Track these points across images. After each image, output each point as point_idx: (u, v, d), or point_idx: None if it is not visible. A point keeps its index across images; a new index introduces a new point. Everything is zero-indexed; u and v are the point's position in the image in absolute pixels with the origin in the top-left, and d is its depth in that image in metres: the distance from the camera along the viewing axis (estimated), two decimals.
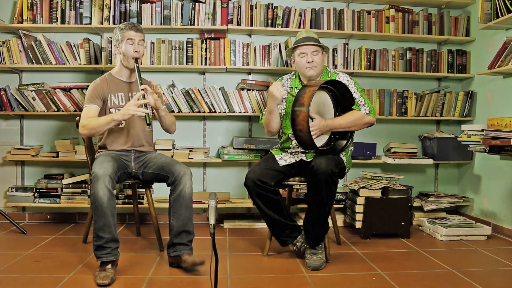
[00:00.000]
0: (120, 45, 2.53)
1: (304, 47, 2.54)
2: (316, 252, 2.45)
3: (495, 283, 2.20)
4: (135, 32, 2.51)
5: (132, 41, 2.50)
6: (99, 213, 2.17)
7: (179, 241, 2.34)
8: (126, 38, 2.50)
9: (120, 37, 2.51)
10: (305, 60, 2.54)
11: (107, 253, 2.19)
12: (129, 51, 2.51)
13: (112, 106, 2.56)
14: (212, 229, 1.63)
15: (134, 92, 2.62)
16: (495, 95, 3.24)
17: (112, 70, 2.65)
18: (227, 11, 3.29)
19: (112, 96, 2.56)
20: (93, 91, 2.52)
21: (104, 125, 2.37)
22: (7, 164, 3.42)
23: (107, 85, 2.56)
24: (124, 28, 2.51)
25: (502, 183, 3.14)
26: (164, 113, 2.55)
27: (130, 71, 2.60)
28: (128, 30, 2.51)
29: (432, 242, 2.95)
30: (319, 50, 2.56)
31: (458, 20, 3.51)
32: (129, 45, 2.50)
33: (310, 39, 2.56)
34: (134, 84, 2.64)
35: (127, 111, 2.31)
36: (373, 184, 3.11)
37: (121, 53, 2.55)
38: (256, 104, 3.33)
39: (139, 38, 2.53)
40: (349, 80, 2.60)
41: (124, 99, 2.59)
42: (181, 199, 2.35)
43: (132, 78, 2.64)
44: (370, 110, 2.53)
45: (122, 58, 2.56)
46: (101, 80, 2.58)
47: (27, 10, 3.21)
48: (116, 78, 2.61)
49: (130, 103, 2.33)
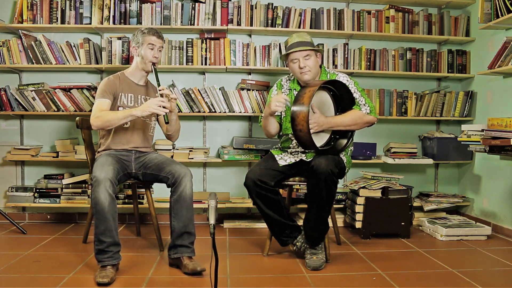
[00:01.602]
0: (139, 48, 2.55)
1: (295, 54, 2.51)
2: (316, 252, 2.45)
3: (495, 283, 2.20)
4: (157, 38, 2.55)
5: (153, 46, 2.54)
6: (100, 218, 2.17)
7: (180, 243, 2.34)
8: (147, 42, 2.53)
9: (141, 40, 2.54)
10: (298, 66, 2.53)
11: (109, 257, 2.19)
12: (148, 55, 2.54)
13: (121, 105, 2.57)
14: (212, 229, 1.63)
15: (144, 96, 2.65)
16: (495, 95, 3.24)
17: (126, 70, 2.66)
18: (227, 11, 3.29)
19: (122, 95, 2.57)
20: (106, 86, 2.53)
21: (121, 118, 2.38)
22: (7, 164, 3.42)
23: (119, 83, 2.58)
24: (146, 33, 2.54)
25: (502, 183, 3.14)
26: (175, 117, 2.56)
27: (145, 75, 2.64)
28: (150, 35, 2.54)
29: (432, 242, 2.95)
30: (311, 54, 2.53)
31: (458, 20, 3.51)
32: (149, 50, 2.54)
33: (301, 43, 2.52)
34: (145, 88, 2.68)
35: (148, 107, 2.33)
36: (373, 184, 3.11)
37: (139, 55, 2.57)
38: (256, 104, 3.33)
39: (160, 44, 2.57)
40: (349, 80, 2.59)
41: (133, 100, 2.60)
42: (182, 201, 2.35)
43: (144, 82, 2.67)
44: (371, 109, 2.53)
45: (140, 61, 2.58)
46: (115, 77, 2.60)
47: (27, 10, 3.21)
48: (129, 79, 2.63)
49: (152, 101, 2.36)
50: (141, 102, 2.62)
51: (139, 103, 2.61)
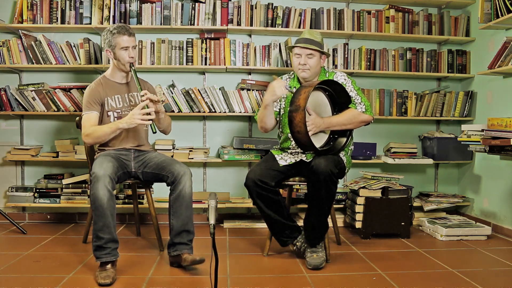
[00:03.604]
0: (113, 51, 2.48)
1: (300, 49, 2.53)
2: (316, 251, 2.45)
3: (495, 283, 2.20)
4: (128, 36, 2.47)
5: (126, 48, 2.47)
6: (99, 214, 2.17)
7: (179, 240, 2.34)
8: (120, 46, 2.45)
9: (113, 42, 2.46)
10: (298, 62, 2.54)
11: (107, 254, 2.19)
12: (124, 58, 2.48)
13: (110, 109, 2.55)
14: (212, 229, 1.64)
15: (131, 93, 2.62)
16: (495, 95, 3.24)
17: (106, 73, 2.62)
18: (227, 11, 3.29)
19: (109, 99, 2.55)
20: (89, 97, 2.49)
21: (109, 134, 2.39)
22: (7, 164, 3.42)
23: (102, 88, 2.54)
24: (116, 33, 2.45)
25: (502, 183, 3.14)
26: (163, 115, 2.55)
27: (124, 74, 2.60)
28: (121, 35, 2.45)
29: (432, 242, 2.95)
30: (315, 54, 2.54)
31: (458, 20, 3.51)
32: (123, 51, 2.47)
33: (309, 41, 2.53)
34: (130, 84, 2.63)
35: (133, 120, 2.32)
36: (373, 184, 3.11)
37: (115, 59, 2.51)
38: (256, 104, 3.33)
39: (133, 43, 2.49)
40: (346, 79, 2.60)
41: (121, 100, 2.58)
42: (181, 199, 2.35)
43: (128, 79, 2.63)
44: (366, 108, 2.53)
45: (117, 63, 2.53)
46: (96, 84, 2.55)
47: (27, 10, 3.21)
48: (111, 81, 2.59)
49: (134, 111, 2.33)
50: (129, 100, 2.59)
51: (127, 101, 2.59)
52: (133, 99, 2.61)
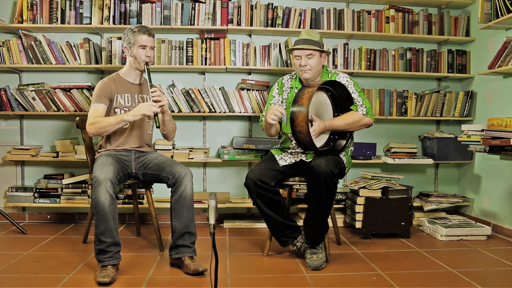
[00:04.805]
0: (131, 48, 2.53)
1: (299, 50, 2.53)
2: (317, 252, 2.45)
3: (495, 283, 2.20)
4: (148, 36, 2.53)
5: (144, 47, 2.52)
6: (100, 218, 2.17)
7: (181, 243, 2.34)
8: (139, 44, 2.50)
9: (132, 40, 2.52)
10: (299, 63, 2.54)
11: (109, 257, 2.19)
12: (141, 56, 2.53)
13: (118, 106, 2.57)
14: (212, 229, 1.64)
15: (141, 94, 2.64)
16: (495, 95, 3.24)
17: (120, 71, 2.66)
18: (227, 11, 3.29)
19: (118, 97, 2.57)
20: (100, 90, 2.52)
21: (113, 124, 2.40)
22: (7, 164, 3.42)
23: (114, 85, 2.57)
24: (137, 31, 2.52)
25: (502, 183, 3.14)
26: (168, 118, 2.56)
27: (139, 73, 2.63)
28: (141, 34, 2.51)
29: (432, 242, 2.95)
30: (315, 53, 2.53)
31: (458, 20, 3.51)
32: (141, 50, 2.52)
33: (307, 41, 2.53)
34: (141, 86, 2.66)
35: (138, 111, 2.35)
36: (373, 184, 3.11)
37: (132, 56, 2.55)
38: (256, 104, 3.33)
39: (151, 43, 2.55)
40: (349, 81, 2.60)
41: (130, 100, 2.60)
42: (183, 201, 2.35)
43: (140, 80, 2.66)
44: (367, 111, 2.53)
45: (133, 61, 2.56)
46: (109, 79, 2.59)
47: (27, 10, 3.21)
48: (124, 79, 2.62)
49: (142, 104, 2.37)
50: (138, 101, 2.62)
51: (137, 102, 2.61)
52: (143, 101, 2.62)
